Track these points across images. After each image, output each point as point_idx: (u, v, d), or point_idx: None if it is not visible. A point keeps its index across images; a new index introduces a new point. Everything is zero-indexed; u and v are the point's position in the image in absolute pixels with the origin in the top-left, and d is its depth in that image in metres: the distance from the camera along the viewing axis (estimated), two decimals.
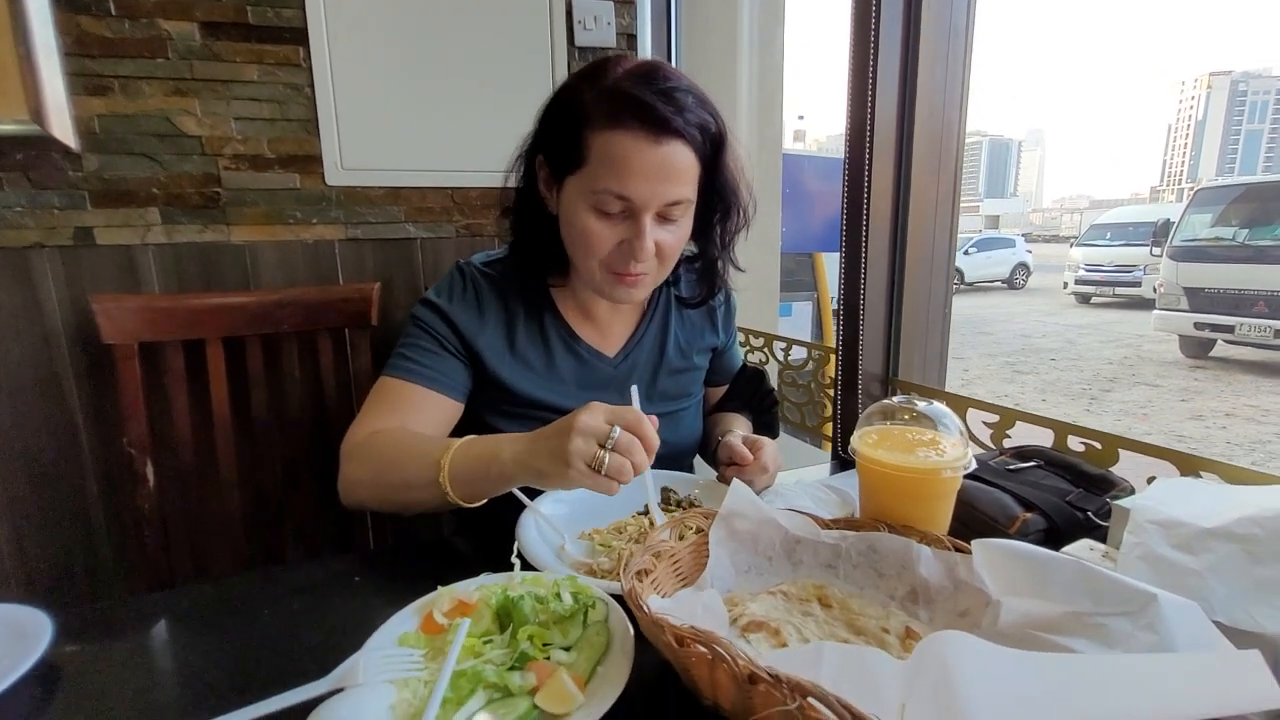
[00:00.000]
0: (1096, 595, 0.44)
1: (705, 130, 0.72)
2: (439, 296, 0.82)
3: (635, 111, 0.68)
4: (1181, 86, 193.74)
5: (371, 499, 0.73)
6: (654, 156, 0.68)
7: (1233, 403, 5.51)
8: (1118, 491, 0.65)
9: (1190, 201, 7.65)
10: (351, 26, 1.24)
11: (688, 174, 0.72)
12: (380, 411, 0.77)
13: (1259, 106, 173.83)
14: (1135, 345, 8.11)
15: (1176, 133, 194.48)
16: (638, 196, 0.69)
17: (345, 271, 1.33)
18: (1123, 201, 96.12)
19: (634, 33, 1.46)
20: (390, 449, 0.71)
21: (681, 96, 0.70)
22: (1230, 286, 6.76)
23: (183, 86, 1.17)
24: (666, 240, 0.74)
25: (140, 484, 1.10)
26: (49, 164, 1.13)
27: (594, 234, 0.72)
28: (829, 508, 0.77)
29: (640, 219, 0.71)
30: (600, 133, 0.69)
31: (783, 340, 1.38)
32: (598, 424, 0.56)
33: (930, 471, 0.55)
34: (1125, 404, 5.55)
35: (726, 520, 0.59)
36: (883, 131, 0.94)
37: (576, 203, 0.73)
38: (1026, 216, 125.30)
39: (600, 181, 0.70)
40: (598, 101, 0.70)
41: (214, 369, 1.14)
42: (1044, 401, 5.67)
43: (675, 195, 0.71)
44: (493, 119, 1.36)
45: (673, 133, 0.69)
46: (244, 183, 1.24)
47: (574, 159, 0.71)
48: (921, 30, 0.92)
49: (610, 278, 0.76)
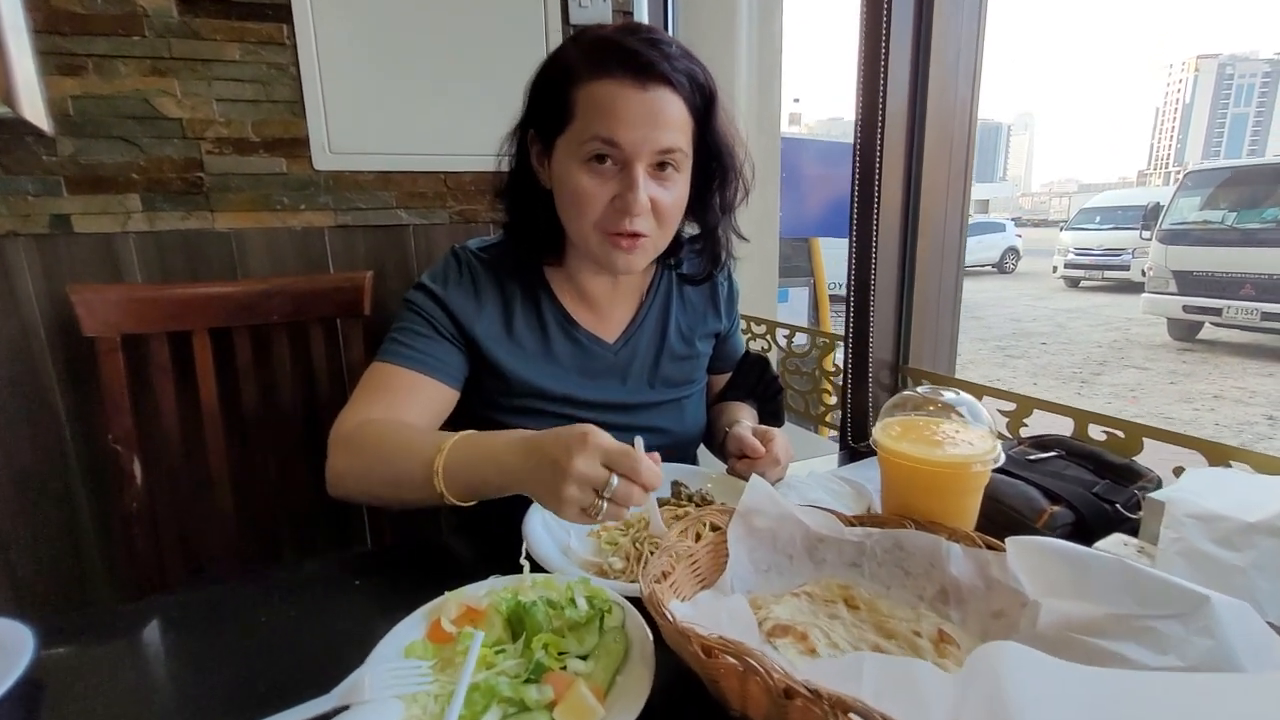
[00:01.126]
0: (1142, 596, 0.42)
1: (694, 79, 0.70)
2: (434, 281, 0.79)
3: (620, 58, 0.67)
4: (1169, 69, 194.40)
5: (359, 491, 0.69)
6: (641, 101, 0.67)
7: (1220, 384, 5.57)
8: (1145, 483, 0.63)
9: (1179, 185, 7.67)
10: (338, 3, 1.19)
11: (678, 121, 0.70)
12: (372, 398, 0.73)
13: (1245, 89, 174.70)
14: (1124, 329, 8.17)
15: (1164, 116, 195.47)
16: (627, 142, 0.67)
17: (336, 260, 1.29)
18: (1111, 185, 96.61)
19: (630, 9, 1.41)
20: (382, 442, 0.68)
21: (668, 48, 0.69)
22: (1218, 270, 6.80)
23: (161, 66, 1.12)
24: (662, 198, 0.71)
25: (128, 482, 1.07)
26: (21, 148, 1.07)
27: (586, 191, 0.70)
28: (844, 500, 0.74)
29: (632, 168, 0.68)
30: (586, 84, 0.68)
31: (785, 327, 1.35)
32: (595, 472, 0.51)
33: (959, 465, 0.53)
34: (1115, 387, 5.59)
35: (745, 517, 0.56)
36: (894, 117, 0.91)
37: (568, 163, 0.71)
38: (1016, 200, 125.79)
39: (589, 129, 0.68)
40: (581, 56, 0.69)
41: (201, 361, 1.10)
42: (1035, 385, 5.71)
43: (666, 142, 0.69)
44: (486, 99, 1.31)
45: (659, 77, 0.67)
46: (228, 167, 1.19)
47: (562, 117, 0.70)
48: (935, 11, 0.89)
49: (607, 241, 0.72)
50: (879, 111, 0.90)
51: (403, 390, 0.74)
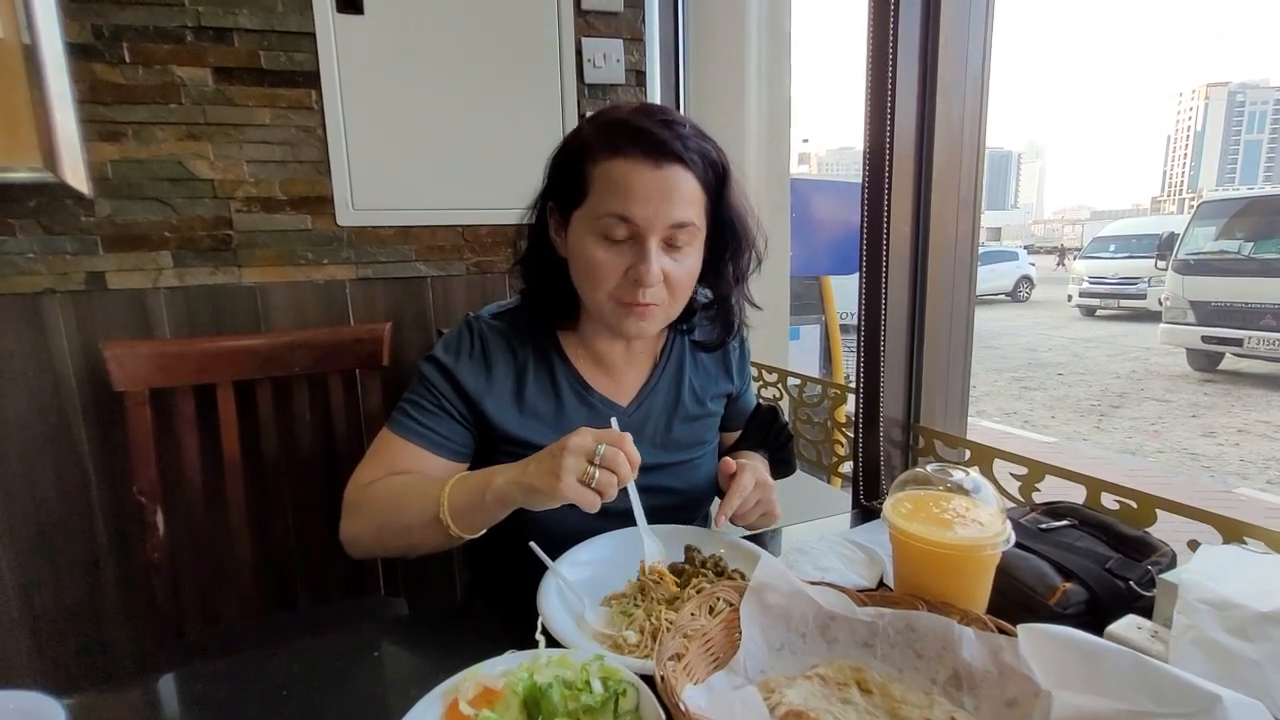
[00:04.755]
0: (1156, 693, 0.42)
1: (706, 157, 0.73)
2: (446, 353, 0.82)
3: (634, 138, 0.70)
4: (1179, 98, 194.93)
5: (377, 548, 0.77)
6: (655, 178, 0.70)
7: (1244, 418, 5.46)
8: (1158, 557, 0.63)
9: (1194, 215, 7.64)
10: (363, 69, 1.25)
11: (691, 197, 0.73)
12: (380, 467, 0.78)
13: (1257, 116, 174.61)
14: (1143, 359, 8.06)
15: (1176, 143, 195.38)
16: (640, 217, 0.70)
17: (356, 311, 1.32)
18: (1123, 212, 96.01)
19: (643, 69, 1.46)
20: (388, 497, 0.74)
21: (681, 128, 0.72)
22: (1237, 300, 6.73)
23: (195, 131, 1.17)
24: (674, 269, 0.74)
25: (150, 533, 1.09)
26: (62, 210, 1.13)
27: (600, 263, 0.73)
28: (856, 567, 0.75)
29: (645, 243, 0.71)
30: (601, 162, 0.71)
31: (797, 377, 1.36)
32: (586, 443, 0.62)
33: (970, 549, 0.53)
34: (1135, 420, 5.50)
35: (758, 593, 0.57)
36: (901, 161, 0.91)
37: (583, 235, 0.74)
38: (1028, 228, 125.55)
39: (603, 207, 0.71)
40: (597, 135, 0.73)
41: (225, 413, 1.13)
42: (1053, 419, 5.63)
43: (679, 216, 0.71)
44: (504, 156, 1.36)
45: (672, 156, 0.70)
46: (256, 224, 1.23)
47: (578, 192, 0.73)
48: (939, 53, 0.90)
49: (620, 309, 0.75)
50: (886, 151, 0.90)
51: (409, 464, 0.78)
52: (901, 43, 0.88)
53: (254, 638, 1.11)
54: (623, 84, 1.44)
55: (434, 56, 1.29)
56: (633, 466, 0.63)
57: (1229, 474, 4.25)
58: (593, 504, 0.61)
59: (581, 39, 1.38)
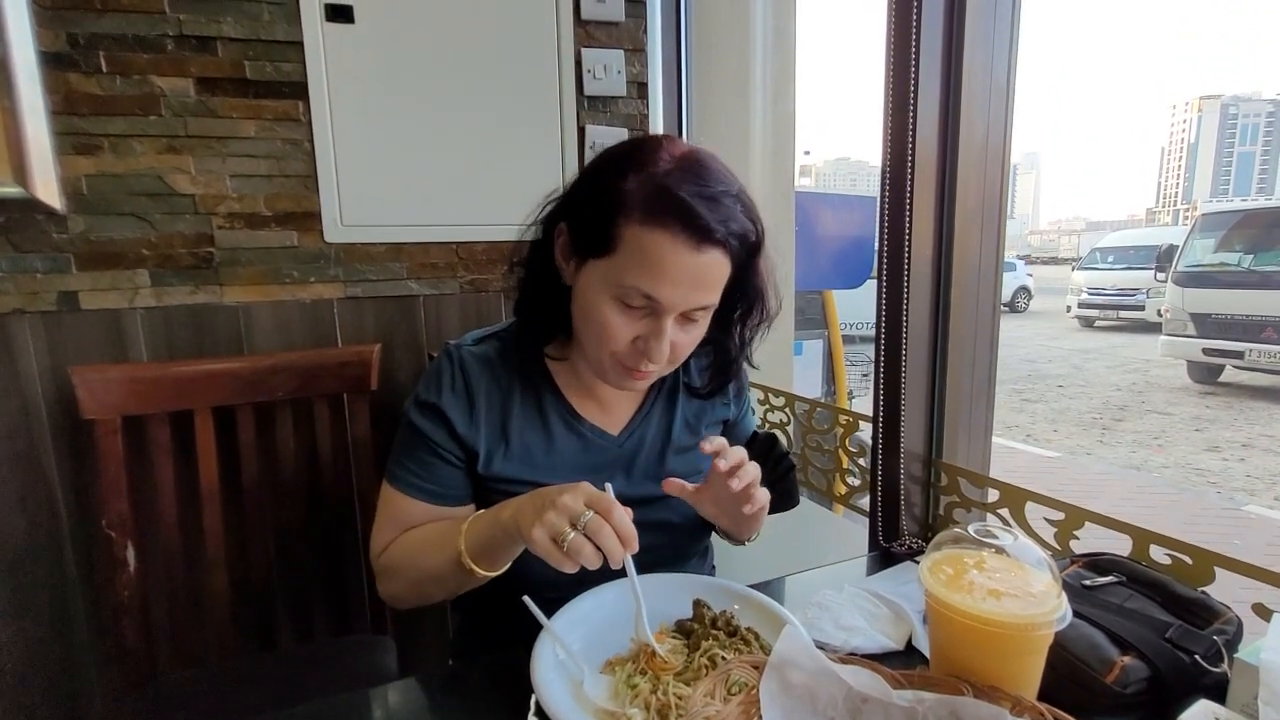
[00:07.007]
0: None
1: (745, 240, 0.68)
2: (428, 392, 0.77)
3: (679, 214, 0.63)
4: (1173, 110, 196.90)
5: (418, 600, 0.77)
6: (691, 263, 0.64)
7: (1248, 432, 5.41)
8: (1223, 624, 0.57)
9: (1192, 227, 7.63)
10: (353, 79, 1.19)
11: (719, 281, 0.68)
12: (392, 527, 0.78)
13: (1250, 129, 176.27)
14: (1143, 370, 8.03)
15: (1170, 155, 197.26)
16: (666, 300, 0.65)
17: (344, 332, 1.26)
18: (1119, 223, 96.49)
19: (645, 81, 1.41)
20: (410, 556, 0.75)
21: (729, 203, 0.66)
22: (1237, 312, 6.71)
23: (176, 144, 1.11)
24: (682, 341, 0.71)
25: (120, 569, 1.02)
26: (32, 227, 1.07)
27: (612, 327, 0.68)
28: (881, 624, 0.68)
29: (662, 320, 0.67)
30: (636, 226, 0.64)
31: (805, 402, 1.30)
32: (575, 505, 0.58)
33: (1022, 626, 0.47)
34: (1138, 434, 5.45)
35: (779, 671, 0.51)
36: (923, 178, 0.87)
37: (599, 291, 0.68)
38: (1024, 238, 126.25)
39: (629, 277, 0.65)
40: (639, 192, 0.64)
41: (203, 441, 1.06)
42: (1055, 432, 5.57)
43: (703, 301, 0.68)
44: (500, 170, 1.30)
45: (715, 242, 0.65)
46: (239, 241, 1.17)
47: (603, 244, 0.66)
48: (963, 64, 0.85)
49: (619, 368, 0.72)
50: (908, 168, 0.85)
51: (420, 516, 0.77)
52: (924, 54, 0.83)
53: (231, 681, 1.04)
54: (624, 96, 1.38)
55: (427, 66, 1.23)
56: (625, 542, 0.57)
57: (1236, 490, 4.19)
58: (563, 567, 0.57)
59: (581, 49, 1.33)
